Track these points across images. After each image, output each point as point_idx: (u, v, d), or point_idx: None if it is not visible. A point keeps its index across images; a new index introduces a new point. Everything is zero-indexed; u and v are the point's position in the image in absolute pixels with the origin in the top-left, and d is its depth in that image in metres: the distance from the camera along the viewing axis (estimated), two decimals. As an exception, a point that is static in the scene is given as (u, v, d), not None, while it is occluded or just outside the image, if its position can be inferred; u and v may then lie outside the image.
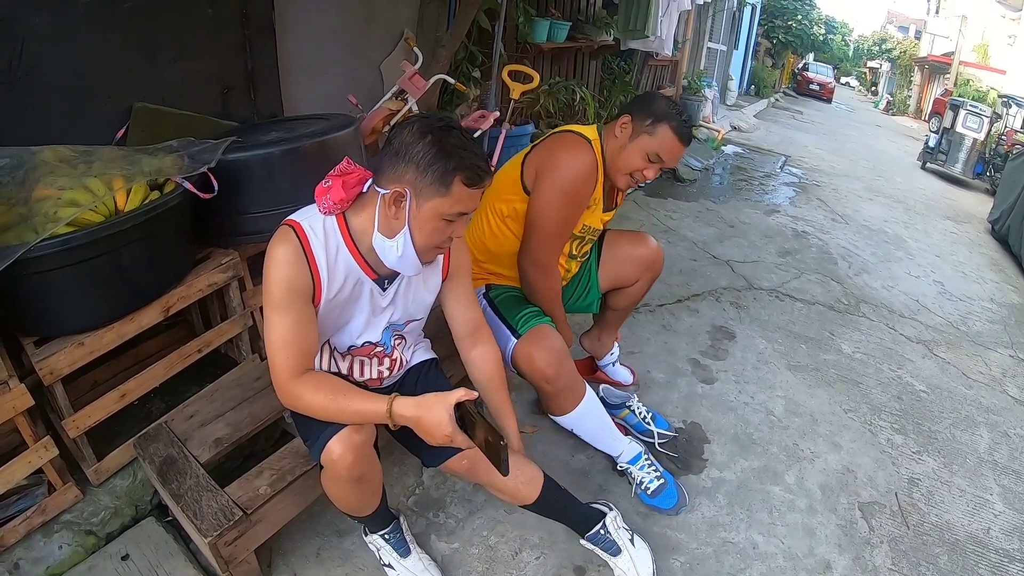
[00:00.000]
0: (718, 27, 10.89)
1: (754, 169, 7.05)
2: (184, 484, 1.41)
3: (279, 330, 1.16)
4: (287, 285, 1.15)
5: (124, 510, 1.65)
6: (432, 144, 1.11)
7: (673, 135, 1.65)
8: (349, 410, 1.17)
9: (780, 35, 16.58)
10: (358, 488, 1.32)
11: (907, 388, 2.77)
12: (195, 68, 2.17)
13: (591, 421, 1.85)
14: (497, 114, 3.44)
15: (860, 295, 3.77)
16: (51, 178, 1.40)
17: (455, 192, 1.13)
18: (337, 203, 1.19)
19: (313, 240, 1.18)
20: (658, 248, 2.08)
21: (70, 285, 1.42)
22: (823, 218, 5.38)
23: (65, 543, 1.54)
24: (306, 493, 1.47)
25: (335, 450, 1.20)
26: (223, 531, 1.30)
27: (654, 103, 1.69)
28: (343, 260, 1.22)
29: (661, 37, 5.23)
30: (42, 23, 1.70)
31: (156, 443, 1.52)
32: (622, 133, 1.70)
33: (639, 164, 1.69)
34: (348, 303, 1.28)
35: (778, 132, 10.61)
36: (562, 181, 1.65)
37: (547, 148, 1.72)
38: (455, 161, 1.11)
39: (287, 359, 1.17)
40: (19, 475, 1.45)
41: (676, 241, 4.21)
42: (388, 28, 3.44)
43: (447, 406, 1.15)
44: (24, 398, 1.41)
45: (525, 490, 1.49)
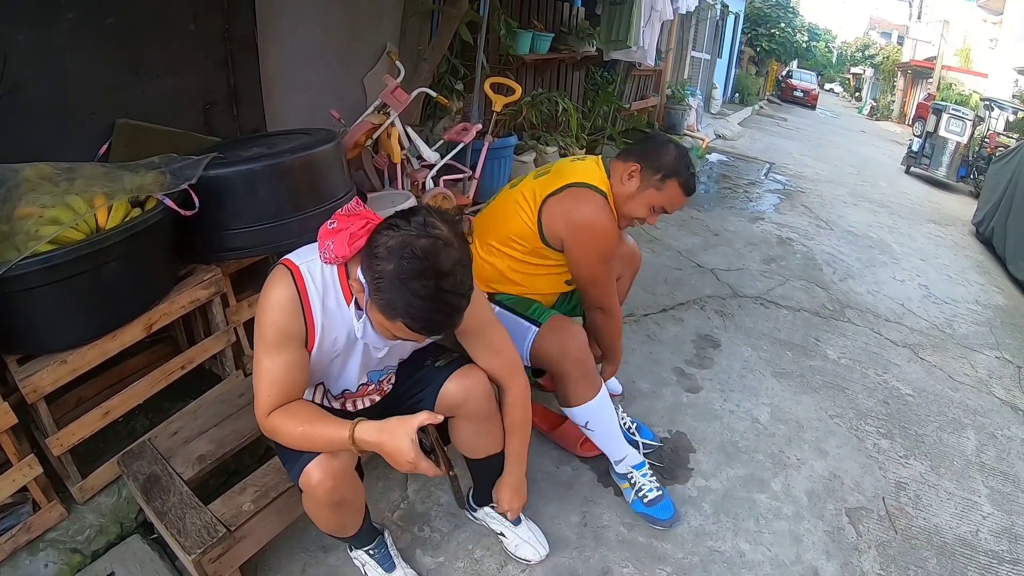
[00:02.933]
0: (701, 36, 11.02)
1: (739, 177, 7.12)
2: (168, 501, 1.40)
3: (267, 370, 1.16)
4: (280, 330, 1.14)
5: (109, 528, 1.64)
6: (392, 275, 1.02)
7: (680, 190, 1.70)
8: (314, 437, 1.15)
9: (764, 43, 16.78)
10: (338, 511, 1.31)
11: (893, 392, 2.80)
12: (178, 84, 2.17)
13: (607, 414, 1.84)
14: (479, 126, 3.47)
15: (845, 300, 3.81)
16: (33, 196, 1.40)
17: (397, 324, 1.06)
18: (339, 257, 1.13)
19: (311, 290, 1.16)
20: (635, 244, 2.16)
21: (52, 303, 1.41)
22: (808, 224, 5.43)
23: (51, 561, 1.53)
24: (290, 510, 1.47)
25: (314, 475, 1.20)
26: (207, 548, 1.29)
27: (664, 155, 1.70)
28: (341, 310, 1.19)
29: (644, 47, 5.30)
30: (25, 40, 1.70)
31: (140, 460, 1.52)
32: (630, 182, 1.72)
33: (643, 213, 1.75)
34: (344, 356, 1.28)
35: (762, 139, 10.72)
36: (597, 247, 1.73)
37: (573, 206, 1.70)
38: (403, 306, 1.03)
39: (269, 398, 1.17)
40: (3, 493, 1.45)
41: (661, 250, 4.23)
42: (371, 42, 3.47)
43: (409, 432, 1.10)
44: (7, 416, 1.40)
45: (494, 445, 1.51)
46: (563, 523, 1.83)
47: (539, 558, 1.67)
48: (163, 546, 1.59)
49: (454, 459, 1.28)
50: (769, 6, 16.60)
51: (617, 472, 1.92)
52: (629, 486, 1.89)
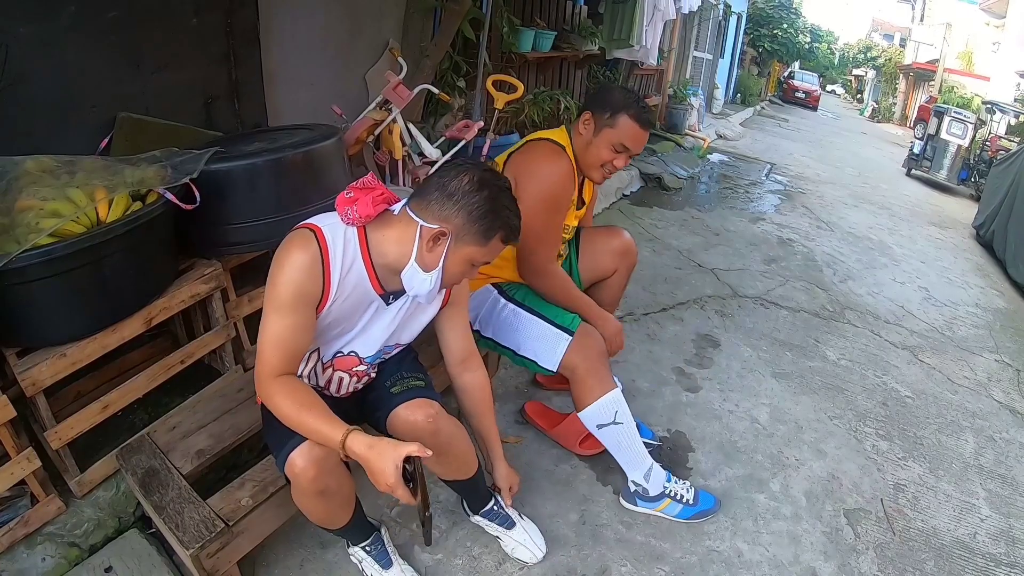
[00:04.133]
0: (704, 36, 11.01)
1: (740, 177, 7.11)
2: (166, 496, 1.40)
3: (275, 329, 1.18)
4: (297, 290, 1.17)
5: (107, 522, 1.64)
6: (487, 200, 1.20)
7: (633, 122, 1.70)
8: (308, 427, 1.17)
9: (766, 44, 16.77)
10: (324, 501, 1.31)
11: (892, 394, 2.80)
12: (179, 78, 2.16)
13: (627, 411, 1.82)
14: (481, 124, 3.45)
15: (845, 302, 3.81)
16: (33, 188, 1.39)
17: (491, 245, 1.23)
18: (363, 217, 1.21)
19: (333, 250, 1.20)
20: (631, 239, 2.15)
21: (52, 296, 1.41)
22: (808, 225, 5.43)
23: (48, 555, 1.53)
24: (288, 505, 1.45)
25: (297, 463, 1.20)
26: (205, 543, 1.29)
27: (610, 95, 1.74)
28: (356, 272, 1.25)
29: (646, 46, 5.29)
30: (27, 33, 1.69)
31: (139, 455, 1.52)
32: (586, 130, 1.76)
33: (607, 156, 1.74)
34: (349, 313, 1.30)
35: (764, 140, 10.72)
36: (542, 190, 1.71)
37: (524, 157, 1.77)
38: (502, 221, 1.22)
39: (274, 357, 1.19)
40: (2, 487, 1.44)
41: (661, 250, 4.23)
42: (373, 38, 3.46)
43: (396, 458, 1.12)
44: (6, 409, 1.39)
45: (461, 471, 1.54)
46: (561, 521, 1.83)
47: (536, 560, 1.68)
48: (161, 540, 1.59)
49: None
50: (772, 7, 16.59)
51: (650, 496, 1.85)
52: (672, 501, 1.86)
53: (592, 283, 2.15)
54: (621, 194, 5.44)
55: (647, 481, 1.85)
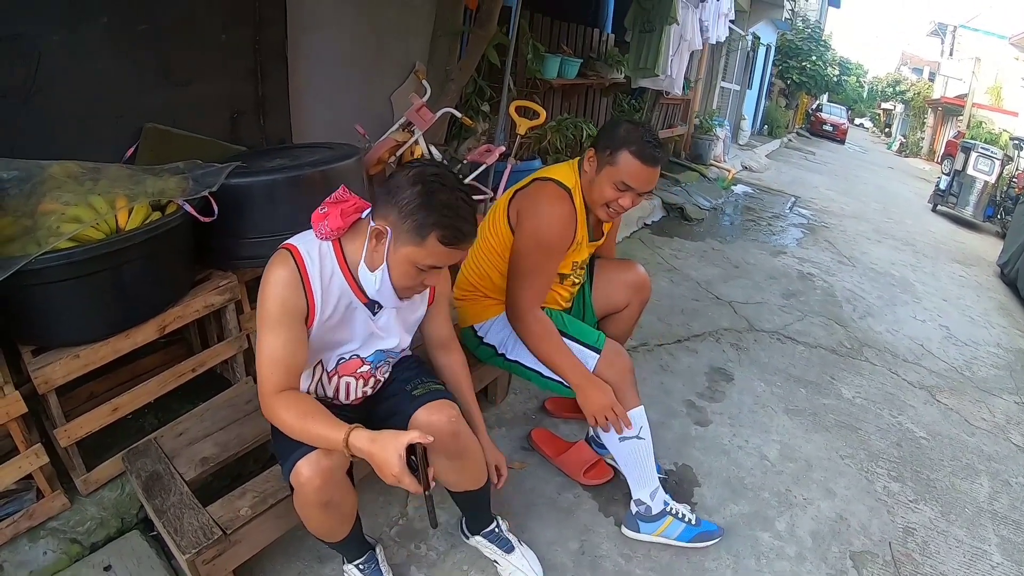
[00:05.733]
0: (732, 67, 11.05)
1: (763, 209, 7.07)
2: (168, 500, 1.42)
3: (270, 347, 1.21)
4: (282, 306, 1.21)
5: (110, 521, 1.67)
6: (419, 195, 1.15)
7: (634, 159, 1.62)
8: (312, 433, 1.20)
9: (794, 76, 16.72)
10: (326, 513, 1.31)
11: (907, 435, 2.73)
12: (206, 92, 2.23)
13: (648, 428, 1.81)
14: (503, 149, 3.50)
15: (863, 339, 3.74)
16: (57, 193, 1.45)
17: (429, 246, 1.17)
18: (334, 230, 1.25)
19: (309, 265, 1.23)
20: (645, 274, 2.11)
21: (69, 298, 1.46)
22: (830, 260, 5.37)
23: (50, 549, 1.56)
24: (288, 516, 1.47)
25: (303, 472, 1.22)
26: (201, 549, 1.31)
27: (614, 131, 1.67)
28: (337, 284, 1.27)
29: (671, 76, 5.32)
30: (59, 41, 1.77)
31: (144, 458, 1.55)
32: (590, 167, 1.71)
33: (610, 195, 1.67)
34: (342, 325, 1.33)
35: (789, 172, 10.66)
36: (537, 233, 1.69)
37: (528, 197, 1.74)
38: (436, 217, 1.15)
39: (272, 375, 1.22)
40: (8, 479, 1.48)
41: (679, 280, 4.20)
42: (400, 60, 3.54)
43: (399, 447, 1.14)
44: (17, 405, 1.44)
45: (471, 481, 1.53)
46: (560, 550, 1.80)
47: None
48: (161, 544, 1.61)
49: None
50: (801, 39, 16.55)
51: (652, 514, 1.83)
52: (674, 519, 1.84)
53: (604, 315, 2.13)
54: (643, 223, 5.44)
55: (651, 499, 1.83)
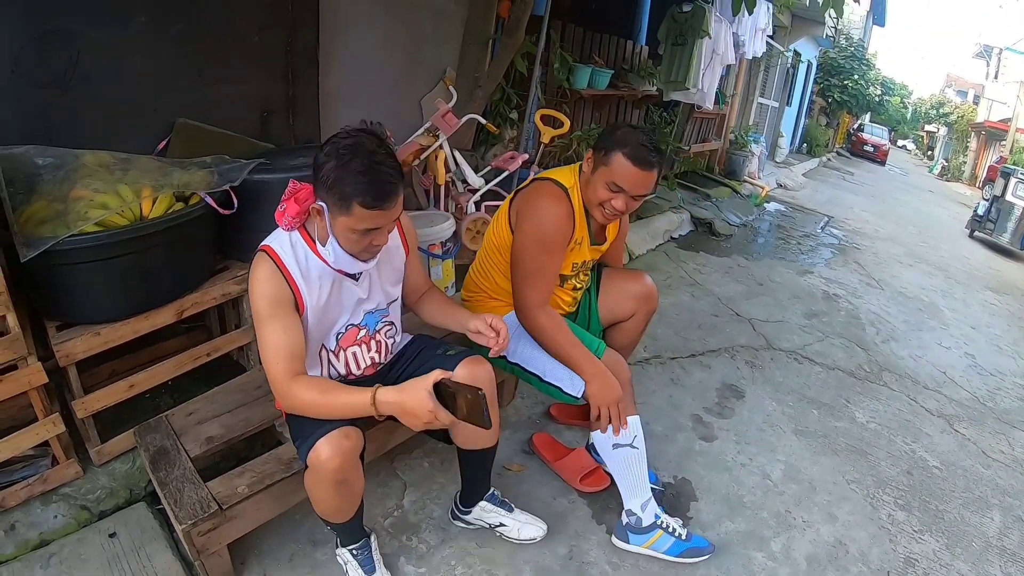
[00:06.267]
0: (771, 83, 10.91)
1: (794, 228, 6.97)
2: (172, 474, 1.50)
3: (269, 339, 1.28)
4: (269, 298, 1.29)
5: (119, 492, 1.76)
6: (335, 168, 1.21)
7: (626, 161, 1.62)
8: (338, 404, 1.27)
9: (836, 94, 16.36)
10: (339, 492, 1.36)
11: (919, 463, 2.67)
12: (238, 91, 2.34)
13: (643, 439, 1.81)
14: (526, 157, 3.54)
15: (884, 363, 3.66)
16: (88, 180, 1.55)
17: (356, 213, 1.23)
18: (295, 217, 1.33)
19: (284, 256, 1.32)
20: (652, 285, 2.10)
21: (93, 279, 1.56)
22: (857, 282, 5.26)
23: (60, 514, 1.66)
24: (284, 498, 1.54)
25: (323, 452, 1.26)
26: (197, 521, 1.38)
27: (613, 133, 1.68)
28: (314, 266, 1.35)
29: (702, 90, 5.29)
30: (99, 37, 1.88)
31: (154, 433, 1.63)
32: (588, 168, 1.73)
33: (603, 196, 1.68)
34: (333, 302, 1.41)
35: (825, 192, 10.46)
36: (535, 230, 1.71)
37: (527, 196, 1.77)
38: (351, 187, 1.20)
39: (279, 364, 1.28)
40: (26, 444, 1.59)
41: (701, 296, 4.17)
42: (432, 66, 3.62)
43: (427, 386, 1.22)
44: (39, 375, 1.54)
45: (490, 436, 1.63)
46: (549, 553, 1.82)
47: (542, 534, 1.80)
48: (165, 517, 1.68)
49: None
50: (843, 57, 16.20)
51: (642, 526, 1.83)
52: (664, 532, 1.83)
53: (610, 324, 2.14)
54: (669, 236, 5.41)
55: (642, 511, 1.83)
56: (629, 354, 2.24)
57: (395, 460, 2.06)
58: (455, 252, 3.04)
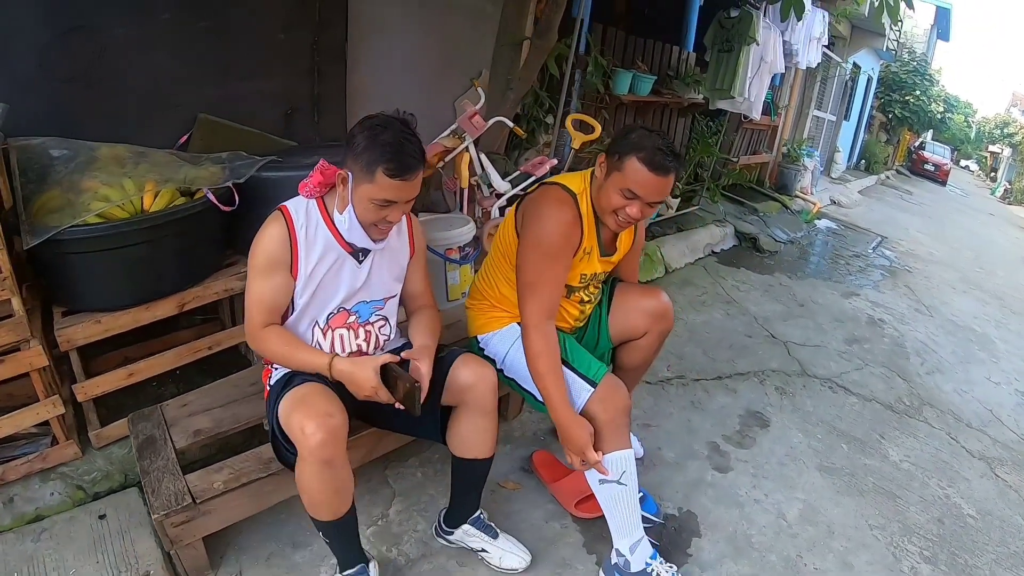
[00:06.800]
0: (828, 95, 10.49)
1: (844, 247, 6.67)
2: (155, 463, 1.52)
3: (256, 290, 1.39)
4: (269, 256, 1.38)
5: (115, 476, 1.80)
6: (365, 137, 1.29)
7: (640, 166, 1.54)
8: (299, 358, 1.39)
9: (896, 110, 15.60)
10: (327, 475, 1.32)
11: (953, 510, 2.47)
12: (262, 88, 2.37)
13: (635, 475, 1.68)
14: (555, 162, 3.47)
15: (926, 397, 3.43)
16: (97, 173, 1.59)
17: (378, 180, 1.30)
18: (316, 186, 1.41)
19: (296, 220, 1.40)
20: (668, 303, 1.97)
21: (95, 268, 1.60)
22: (906, 307, 4.97)
23: (57, 492, 1.71)
24: (261, 498, 1.54)
25: (307, 426, 1.28)
26: (170, 512, 1.39)
27: (627, 136, 1.59)
28: (321, 235, 1.42)
29: (749, 99, 5.11)
30: (123, 33, 1.93)
31: (146, 422, 1.66)
32: (600, 172, 1.66)
33: (616, 202, 1.60)
34: (330, 278, 1.45)
35: (880, 211, 9.99)
36: (538, 237, 1.63)
37: (532, 200, 1.69)
38: (379, 154, 1.28)
39: (259, 314, 1.40)
40: (26, 423, 1.64)
41: (735, 314, 4.01)
42: (467, 68, 3.60)
43: (375, 366, 1.35)
44: (39, 358, 1.58)
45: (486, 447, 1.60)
46: (532, 578, 1.74)
47: (524, 565, 1.72)
48: (153, 505, 1.71)
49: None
50: (906, 71, 15.47)
51: (630, 571, 1.69)
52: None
53: (621, 341, 2.02)
54: (710, 250, 5.25)
55: (631, 553, 1.71)
56: (641, 375, 2.14)
57: (388, 467, 2.04)
58: (474, 257, 3.00)
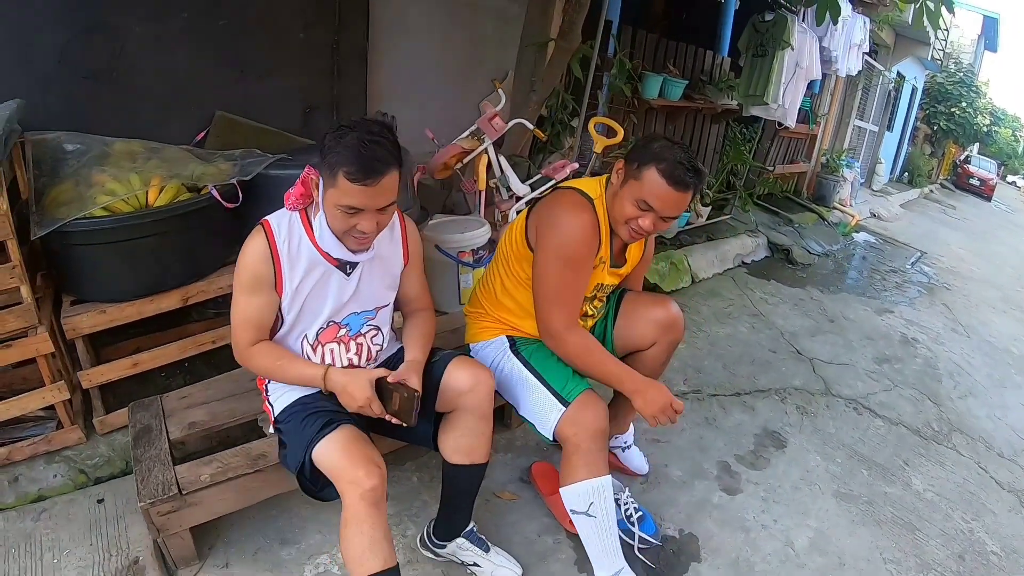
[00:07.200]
0: (870, 105, 10.15)
1: (881, 262, 6.44)
2: (148, 452, 1.55)
3: (241, 308, 1.37)
4: (252, 273, 1.34)
5: (116, 462, 1.85)
6: (332, 138, 1.23)
7: (659, 178, 1.48)
8: (291, 372, 1.37)
9: (941, 122, 14.97)
10: (376, 519, 1.28)
11: (975, 546, 2.34)
12: (280, 86, 2.39)
13: (610, 505, 1.62)
14: (576, 165, 3.42)
15: (957, 422, 3.27)
16: (107, 167, 1.62)
17: (340, 184, 1.22)
18: (298, 198, 1.36)
19: (278, 236, 1.36)
20: (678, 313, 1.90)
21: (101, 260, 1.64)
22: (942, 326, 4.77)
23: (60, 474, 1.77)
24: (247, 493, 1.55)
25: (359, 474, 1.25)
26: (156, 501, 1.42)
27: (649, 145, 1.54)
28: (305, 250, 1.37)
29: (783, 106, 4.97)
30: (142, 31, 1.97)
31: (145, 411, 1.69)
32: (617, 179, 1.60)
33: (630, 212, 1.55)
34: (316, 292, 1.41)
35: (922, 225, 9.63)
36: (557, 245, 1.57)
37: (546, 206, 1.64)
38: (341, 156, 1.21)
39: (245, 332, 1.37)
40: (32, 406, 1.69)
41: (761, 328, 3.89)
42: (492, 69, 3.58)
43: (370, 378, 1.34)
44: (45, 344, 1.63)
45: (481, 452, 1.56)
46: (518, 596, 1.70)
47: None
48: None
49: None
50: (951, 82, 14.86)
51: None
52: None
53: (626, 352, 1.95)
54: (741, 261, 5.13)
55: None
56: None
57: (383, 469, 2.03)
58: (487, 261, 2.98)
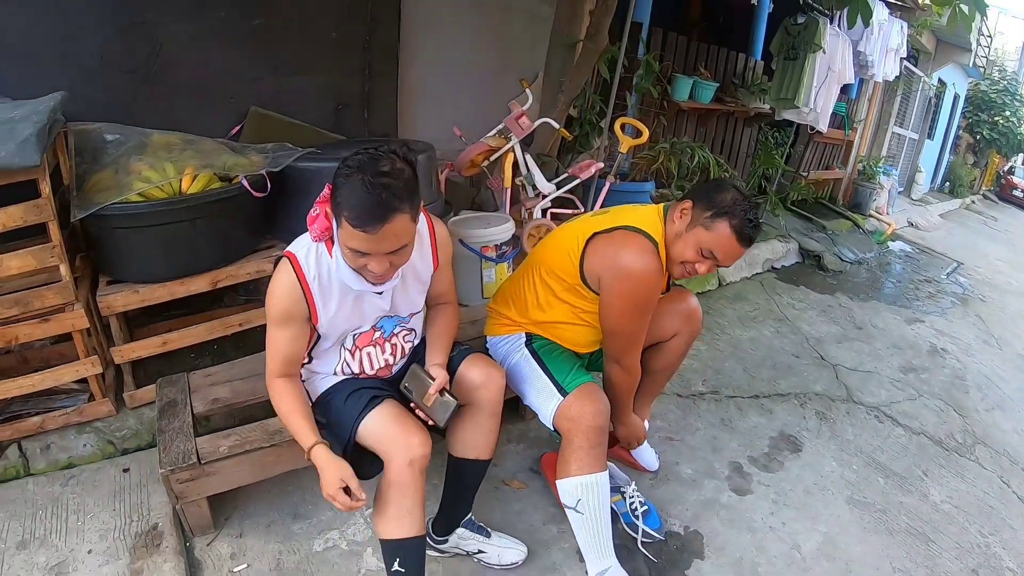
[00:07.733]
0: (909, 112, 9.86)
1: (915, 271, 6.28)
2: (172, 424, 1.64)
3: (274, 340, 1.38)
4: (283, 310, 1.34)
5: (144, 435, 1.96)
6: (340, 176, 1.20)
7: (731, 233, 1.53)
8: (292, 425, 1.38)
9: (984, 131, 14.38)
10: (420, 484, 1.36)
11: (991, 561, 2.28)
12: (313, 83, 2.48)
13: (603, 503, 1.64)
14: (601, 165, 3.45)
15: (982, 435, 3.18)
16: (144, 157, 1.73)
17: (344, 229, 1.20)
18: (323, 231, 1.33)
19: (307, 270, 1.34)
20: (697, 305, 1.97)
21: (136, 243, 1.75)
22: (973, 338, 4.63)
23: (89, 444, 1.89)
24: (264, 466, 1.64)
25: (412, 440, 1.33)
26: (176, 469, 1.50)
27: (720, 193, 1.57)
28: (336, 281, 1.36)
29: (815, 110, 4.91)
30: (179, 29, 2.08)
31: (172, 387, 1.80)
32: (681, 220, 1.62)
33: (691, 257, 1.60)
34: (353, 314, 1.42)
35: (960, 236, 9.34)
36: (633, 295, 1.62)
37: (612, 248, 1.63)
38: (343, 201, 1.18)
39: (275, 363, 1.40)
40: (65, 378, 1.81)
41: (786, 332, 3.85)
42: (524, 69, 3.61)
43: (345, 474, 1.30)
44: (80, 320, 1.74)
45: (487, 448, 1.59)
46: (519, 580, 1.74)
47: (524, 556, 1.74)
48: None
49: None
50: (995, 90, 14.28)
51: None
52: None
53: (649, 344, 1.97)
54: (770, 265, 5.07)
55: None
56: (667, 377, 2.11)
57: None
58: (511, 256, 3.03)
